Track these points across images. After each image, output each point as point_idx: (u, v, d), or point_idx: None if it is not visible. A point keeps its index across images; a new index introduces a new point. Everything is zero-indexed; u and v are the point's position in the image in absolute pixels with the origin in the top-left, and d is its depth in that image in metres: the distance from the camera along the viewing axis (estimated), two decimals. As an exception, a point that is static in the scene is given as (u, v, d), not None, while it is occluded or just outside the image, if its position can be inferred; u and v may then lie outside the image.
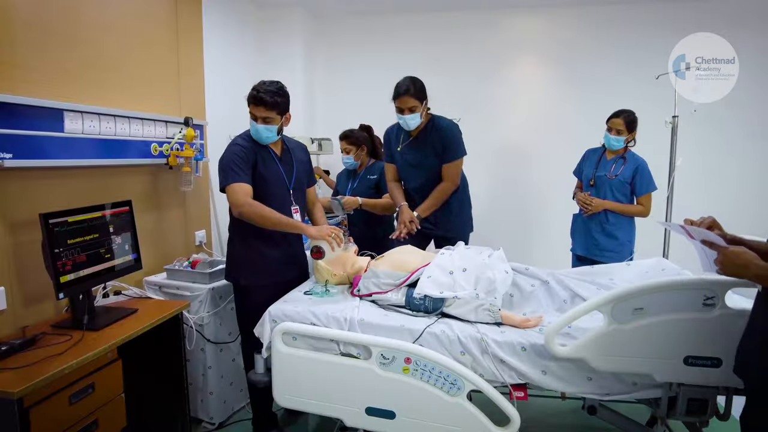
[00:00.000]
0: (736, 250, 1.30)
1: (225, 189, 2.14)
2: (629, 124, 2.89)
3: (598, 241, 2.96)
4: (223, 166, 2.15)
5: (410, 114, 2.52)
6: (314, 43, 4.49)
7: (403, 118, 2.55)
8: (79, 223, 1.95)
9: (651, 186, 2.90)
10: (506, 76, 4.34)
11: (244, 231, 2.24)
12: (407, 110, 2.52)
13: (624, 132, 2.89)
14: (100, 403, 1.79)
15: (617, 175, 2.92)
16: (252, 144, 2.21)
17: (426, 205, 2.62)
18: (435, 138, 2.63)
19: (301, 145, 2.48)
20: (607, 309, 1.63)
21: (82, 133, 2.20)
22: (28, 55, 2.00)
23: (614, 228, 2.93)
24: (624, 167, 2.92)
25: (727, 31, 3.00)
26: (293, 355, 1.86)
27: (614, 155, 2.98)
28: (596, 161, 3.03)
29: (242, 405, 2.76)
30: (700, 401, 1.66)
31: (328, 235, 2.09)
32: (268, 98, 2.11)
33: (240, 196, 2.08)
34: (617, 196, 2.93)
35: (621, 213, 2.92)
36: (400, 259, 2.16)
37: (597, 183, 2.99)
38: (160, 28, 2.77)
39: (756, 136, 3.99)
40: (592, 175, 3.01)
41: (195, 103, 3.07)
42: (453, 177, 2.65)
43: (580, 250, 3.07)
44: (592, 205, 2.93)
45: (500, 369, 1.73)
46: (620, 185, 2.92)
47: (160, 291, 2.53)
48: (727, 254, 1.31)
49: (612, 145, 2.94)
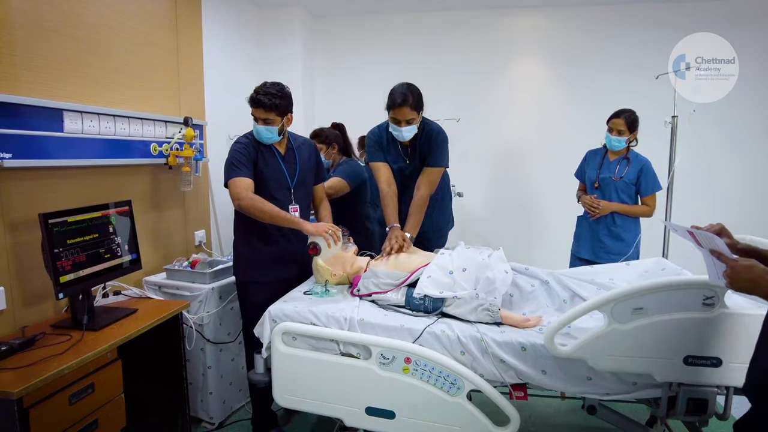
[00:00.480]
0: (746, 264, 1.18)
1: (227, 184, 2.19)
2: (630, 124, 2.85)
3: (605, 243, 2.94)
4: (227, 164, 2.20)
5: (407, 126, 2.38)
6: (314, 43, 4.49)
7: (399, 130, 2.39)
8: (78, 223, 1.95)
9: (656, 186, 2.88)
10: (506, 75, 4.34)
11: (245, 229, 2.28)
12: (404, 122, 2.37)
13: (625, 132, 2.85)
14: (99, 403, 1.79)
15: (622, 177, 2.89)
16: (254, 142, 2.24)
17: (413, 224, 2.42)
18: (424, 142, 2.51)
19: (309, 143, 2.49)
20: (607, 309, 1.63)
21: (82, 132, 2.20)
22: (27, 55, 1.99)
23: (621, 230, 2.91)
24: (628, 168, 2.89)
25: (727, 31, 3.00)
26: (293, 355, 1.86)
27: (617, 156, 2.95)
28: (599, 163, 2.99)
29: (242, 404, 2.77)
30: (700, 401, 1.66)
31: (324, 232, 2.09)
32: (267, 100, 2.14)
33: (240, 190, 2.12)
34: (623, 198, 2.91)
35: (627, 214, 2.90)
36: (400, 259, 2.16)
37: (601, 185, 2.95)
38: (159, 27, 2.77)
39: (758, 136, 4.00)
40: (595, 177, 2.97)
41: (194, 102, 3.06)
42: (433, 183, 2.49)
43: (587, 253, 3.01)
44: (599, 208, 2.90)
45: (500, 369, 1.73)
46: (626, 186, 2.90)
47: (159, 291, 2.53)
48: (736, 268, 1.19)
49: (614, 146, 2.91)
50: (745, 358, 1.59)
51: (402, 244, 2.27)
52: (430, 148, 2.49)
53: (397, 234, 2.32)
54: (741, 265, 1.19)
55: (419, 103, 2.38)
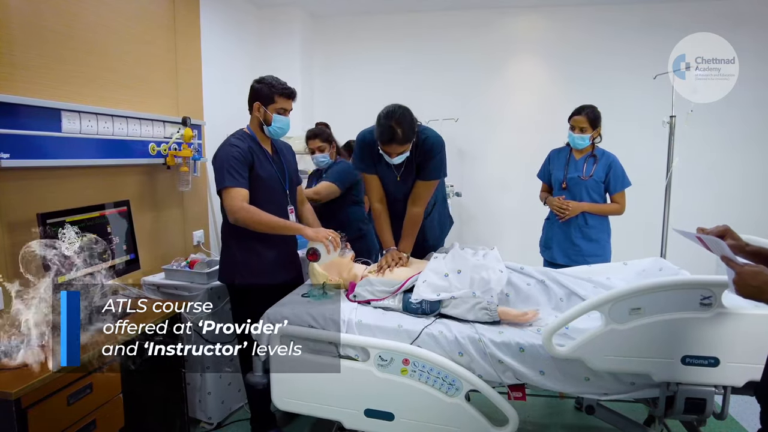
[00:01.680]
0: (752, 270, 1.14)
1: (220, 192, 2.12)
2: (593, 120, 2.73)
3: (580, 247, 2.79)
4: (219, 167, 2.12)
5: (398, 156, 2.20)
6: (312, 43, 4.49)
7: (390, 159, 2.22)
8: (77, 223, 1.95)
9: (625, 182, 2.78)
10: (504, 75, 4.34)
11: (240, 232, 2.19)
12: (395, 154, 2.19)
13: (588, 129, 2.73)
14: (98, 404, 1.79)
15: (591, 175, 2.77)
16: (248, 144, 2.19)
17: (408, 243, 2.33)
18: (420, 153, 2.30)
19: (287, 144, 2.49)
20: (605, 309, 1.63)
21: (80, 132, 2.20)
22: (25, 55, 1.99)
23: (595, 231, 2.79)
24: (596, 166, 2.78)
25: (727, 31, 3.00)
26: (291, 358, 1.86)
27: (582, 154, 2.82)
28: (564, 162, 2.86)
29: (240, 405, 2.76)
30: (698, 400, 1.66)
31: (325, 238, 2.08)
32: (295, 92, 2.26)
33: (236, 202, 2.06)
34: (593, 197, 2.79)
35: (598, 213, 2.79)
36: (394, 271, 2.17)
37: (569, 185, 2.82)
38: (157, 27, 2.76)
39: (756, 135, 4.00)
40: (563, 177, 2.83)
41: (193, 102, 3.06)
42: (426, 198, 2.34)
43: (561, 258, 2.82)
44: (569, 209, 2.75)
45: (498, 369, 1.73)
46: (595, 185, 2.78)
47: (158, 291, 2.53)
48: (743, 274, 1.15)
49: (577, 144, 2.78)
50: (743, 358, 1.60)
51: (399, 263, 2.23)
52: (425, 160, 2.30)
53: (394, 255, 2.27)
54: (747, 272, 1.15)
55: (410, 133, 2.16)
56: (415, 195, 2.35)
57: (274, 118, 2.19)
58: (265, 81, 2.20)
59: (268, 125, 2.20)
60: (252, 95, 2.21)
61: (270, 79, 2.20)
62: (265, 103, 2.18)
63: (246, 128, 2.26)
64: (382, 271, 2.19)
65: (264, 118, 2.20)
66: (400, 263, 2.23)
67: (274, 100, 2.18)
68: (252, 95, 2.21)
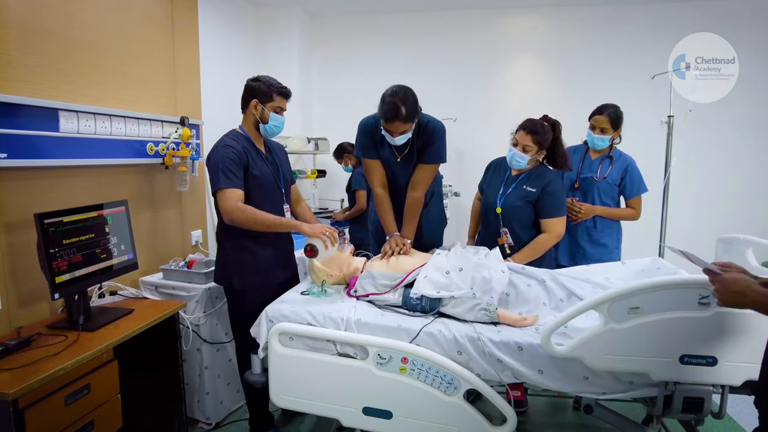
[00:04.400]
0: (732, 277, 1.16)
1: (216, 194, 2.10)
2: (614, 121, 2.60)
3: (585, 250, 2.68)
4: (214, 168, 2.10)
5: (400, 136, 2.24)
6: (311, 43, 4.49)
7: (392, 138, 2.25)
8: (74, 223, 1.95)
9: (642, 188, 2.66)
10: (503, 75, 4.35)
11: (235, 233, 2.17)
12: (398, 133, 2.22)
13: (609, 130, 2.61)
14: (96, 404, 1.79)
15: (605, 177, 2.64)
16: (243, 144, 2.17)
17: (410, 228, 2.36)
18: (423, 139, 2.36)
19: (279, 144, 2.48)
20: (604, 308, 1.63)
21: (78, 132, 2.20)
22: (23, 55, 1.99)
23: (602, 235, 2.67)
24: (612, 168, 2.65)
25: (726, 31, 3.00)
26: (290, 356, 1.86)
27: (599, 154, 2.70)
28: (579, 161, 2.72)
29: (239, 405, 2.76)
30: (696, 400, 1.66)
31: (322, 233, 2.08)
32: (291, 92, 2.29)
33: (231, 203, 2.04)
34: (605, 200, 2.67)
35: (611, 218, 2.67)
36: (397, 260, 2.16)
37: (582, 186, 2.69)
38: (155, 27, 2.76)
39: (750, 136, 4.02)
40: (576, 176, 2.70)
41: (191, 102, 3.06)
42: (427, 183, 2.38)
43: (565, 260, 2.71)
44: (582, 212, 2.60)
45: (497, 368, 1.73)
46: (609, 188, 2.66)
47: (156, 291, 2.53)
48: (723, 282, 1.16)
49: (596, 145, 2.66)
50: (741, 357, 1.60)
51: (402, 249, 2.24)
52: (426, 144, 2.35)
53: (398, 240, 2.28)
54: (727, 279, 1.16)
55: (413, 113, 2.20)
56: (415, 180, 2.38)
57: (271, 116, 2.19)
58: (262, 79, 2.20)
59: (264, 123, 2.20)
60: (248, 93, 2.20)
61: (267, 78, 2.21)
62: (263, 101, 2.18)
63: (239, 128, 2.25)
64: (387, 257, 2.19)
65: (261, 116, 2.19)
66: (403, 249, 2.24)
67: (272, 98, 2.18)
68: (248, 93, 2.20)
